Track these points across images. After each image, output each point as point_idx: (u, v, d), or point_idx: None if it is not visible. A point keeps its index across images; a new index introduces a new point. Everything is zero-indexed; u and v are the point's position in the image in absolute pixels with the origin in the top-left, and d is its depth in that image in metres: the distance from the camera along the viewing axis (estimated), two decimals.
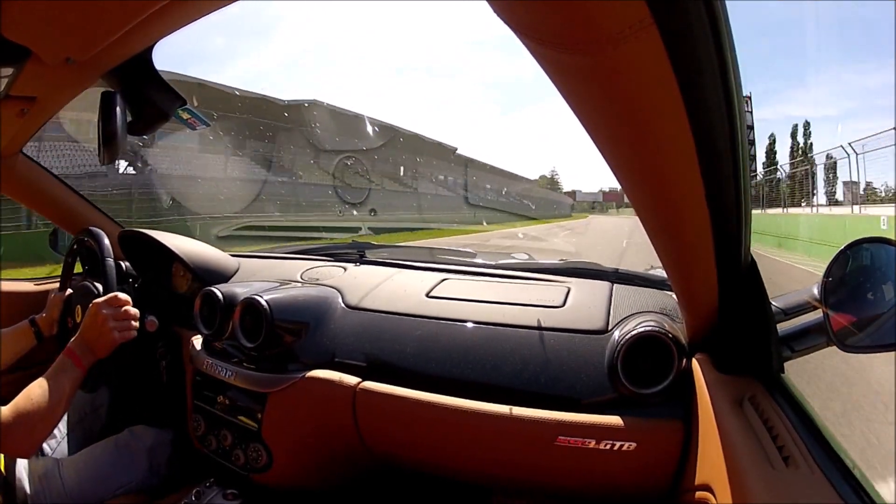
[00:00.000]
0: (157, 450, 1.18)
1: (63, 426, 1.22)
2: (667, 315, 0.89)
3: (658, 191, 0.46)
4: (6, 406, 0.87)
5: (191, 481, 1.05)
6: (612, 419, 0.78)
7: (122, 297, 1.05)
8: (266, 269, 1.36)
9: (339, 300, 1.10)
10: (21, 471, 1.00)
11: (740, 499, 0.51)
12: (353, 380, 0.95)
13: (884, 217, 9.72)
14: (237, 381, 1.04)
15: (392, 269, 1.25)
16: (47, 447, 1.15)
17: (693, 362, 0.77)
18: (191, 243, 1.36)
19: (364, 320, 1.04)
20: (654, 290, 1.00)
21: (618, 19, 0.28)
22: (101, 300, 1.03)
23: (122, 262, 1.38)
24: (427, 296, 1.08)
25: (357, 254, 1.39)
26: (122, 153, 0.85)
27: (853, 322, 0.64)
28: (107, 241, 1.22)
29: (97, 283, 1.19)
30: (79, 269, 1.42)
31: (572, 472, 0.84)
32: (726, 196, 0.45)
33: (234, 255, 1.45)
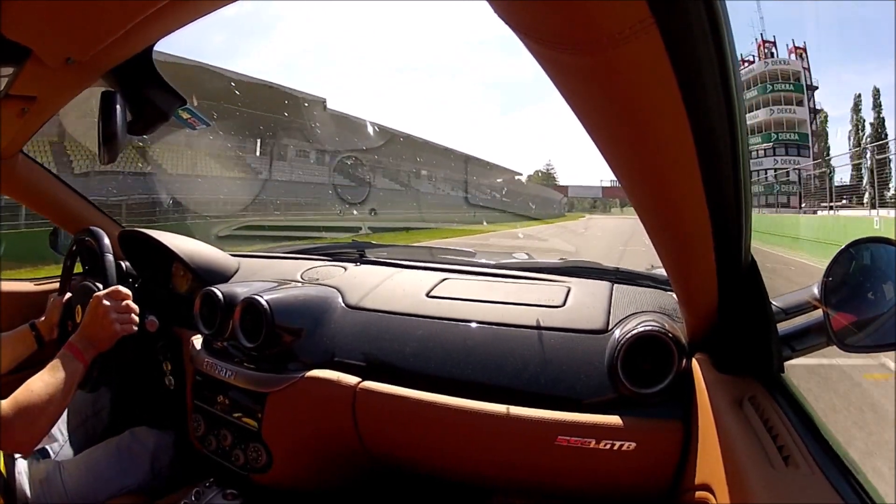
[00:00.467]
0: (159, 452, 1.18)
1: (65, 429, 1.21)
2: (667, 314, 0.89)
3: (658, 190, 0.46)
4: (5, 400, 0.85)
5: (191, 481, 1.05)
6: (612, 419, 0.78)
7: (124, 290, 1.05)
8: (266, 269, 1.36)
9: (339, 300, 1.10)
10: (22, 474, 1.00)
11: (740, 499, 0.51)
12: (352, 380, 0.95)
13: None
14: (237, 380, 1.04)
15: (392, 268, 1.25)
16: (50, 450, 1.15)
17: (693, 362, 0.77)
18: (191, 243, 1.36)
19: (364, 320, 1.04)
20: (654, 289, 1.00)
21: (618, 19, 0.28)
22: (101, 293, 1.03)
23: (123, 262, 1.38)
24: (427, 295, 1.08)
25: (357, 253, 1.39)
26: (121, 153, 0.85)
27: (853, 322, 0.64)
28: (107, 239, 1.22)
29: (97, 282, 1.19)
30: (79, 269, 1.42)
31: (572, 472, 0.84)
32: (726, 196, 0.45)
33: (234, 255, 1.45)
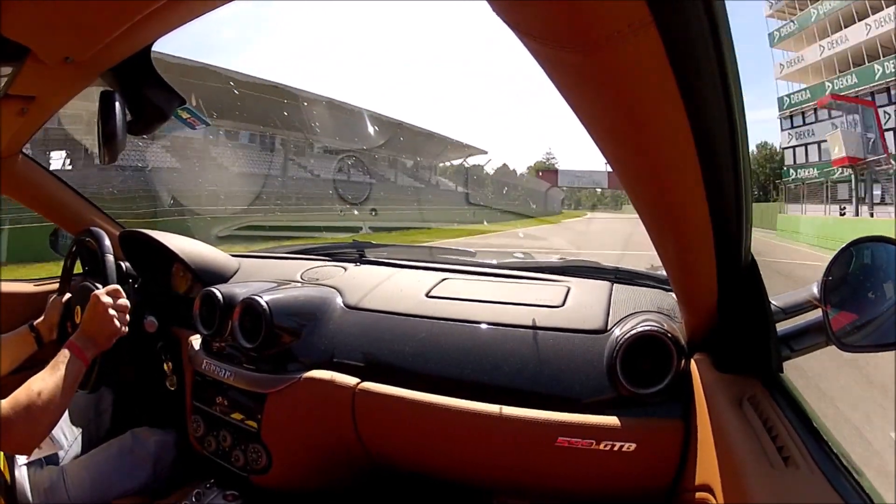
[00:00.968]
0: (161, 452, 1.17)
1: (69, 432, 1.21)
2: (666, 314, 0.89)
3: (658, 190, 0.46)
4: (5, 400, 0.85)
5: (191, 482, 1.05)
6: (612, 419, 0.78)
7: (120, 289, 1.05)
8: (266, 269, 1.36)
9: (338, 300, 1.10)
10: (24, 480, 0.99)
11: (740, 499, 0.51)
12: (352, 380, 0.95)
13: None
14: (236, 381, 1.04)
15: (391, 268, 1.25)
16: (58, 455, 1.14)
17: (692, 362, 0.77)
18: (191, 243, 1.35)
19: (363, 320, 1.04)
20: (653, 289, 1.00)
21: (617, 18, 0.28)
22: (101, 291, 1.03)
23: (123, 263, 1.38)
24: (427, 296, 1.07)
25: (357, 253, 1.39)
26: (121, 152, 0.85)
27: (853, 321, 0.64)
28: (107, 240, 1.22)
29: (97, 283, 1.19)
30: (78, 269, 1.41)
31: (572, 473, 0.84)
32: (726, 196, 0.45)
33: (233, 255, 1.45)
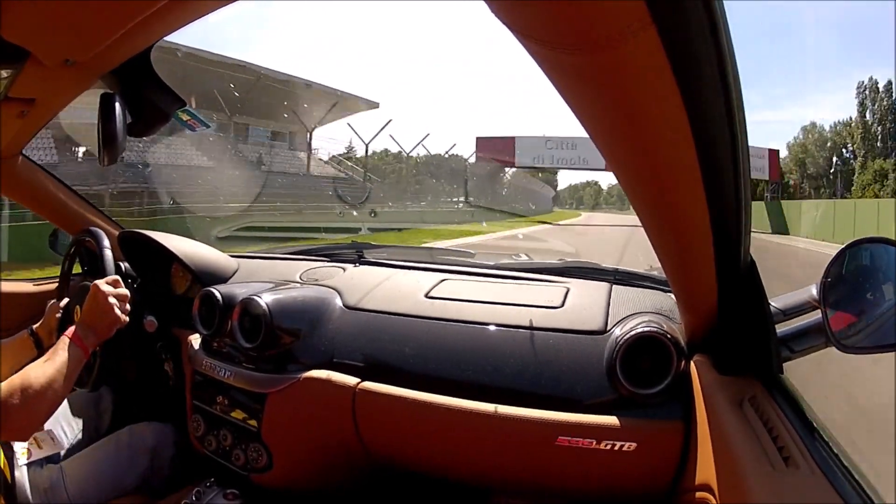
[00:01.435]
0: (159, 447, 1.17)
1: (69, 432, 1.20)
2: (666, 315, 0.89)
3: (657, 191, 0.46)
4: (2, 384, 0.83)
5: (191, 481, 1.05)
6: (612, 420, 0.78)
7: (120, 280, 1.05)
8: (265, 270, 1.36)
9: (337, 301, 1.10)
10: (24, 479, 0.99)
11: (740, 499, 0.51)
12: (352, 380, 0.95)
13: None
14: (236, 381, 1.04)
15: (391, 269, 1.25)
16: (62, 453, 1.13)
17: (692, 363, 0.77)
18: (190, 244, 1.36)
19: (363, 321, 1.04)
20: (653, 290, 1.00)
21: (617, 20, 0.28)
22: (100, 280, 1.02)
23: (122, 263, 1.38)
24: (426, 296, 1.07)
25: (356, 254, 1.39)
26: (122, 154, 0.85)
27: (852, 322, 0.64)
28: (106, 240, 1.22)
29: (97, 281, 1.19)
30: (77, 269, 1.41)
31: (572, 473, 0.84)
32: (726, 196, 0.45)
33: (233, 256, 1.45)
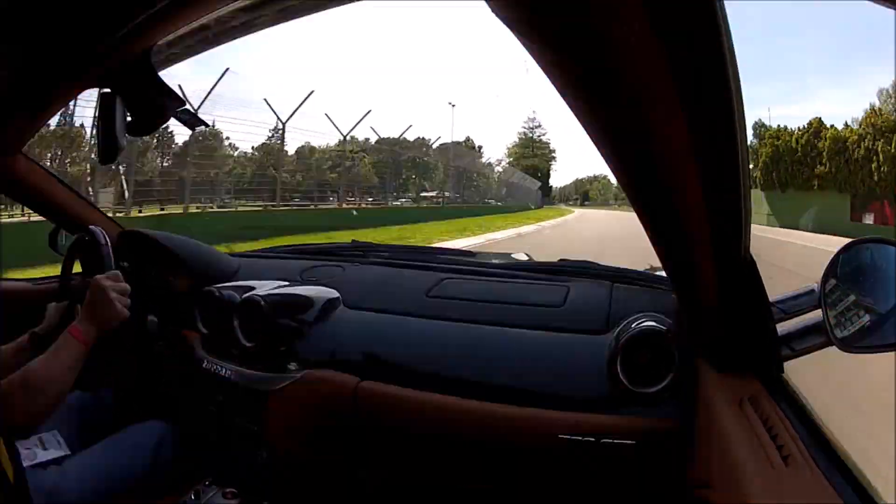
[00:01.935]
0: (160, 449, 1.17)
1: (71, 431, 1.20)
2: (666, 314, 0.89)
3: (657, 189, 0.46)
4: (3, 380, 0.83)
5: (190, 480, 1.05)
6: (612, 418, 0.78)
7: (120, 275, 1.05)
8: (265, 269, 1.36)
9: (338, 300, 1.10)
10: (27, 483, 0.99)
11: (740, 498, 0.51)
12: (352, 379, 0.95)
13: None
14: (236, 380, 1.04)
15: (391, 268, 1.25)
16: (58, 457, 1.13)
17: (692, 362, 0.77)
18: (190, 243, 1.36)
19: (363, 320, 1.04)
20: (653, 289, 1.00)
21: (616, 19, 0.28)
22: (101, 276, 1.02)
23: (122, 262, 1.38)
24: (427, 295, 1.08)
25: (356, 253, 1.39)
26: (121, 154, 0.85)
27: (853, 321, 0.64)
28: (106, 238, 1.22)
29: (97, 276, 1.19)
30: (77, 269, 1.41)
31: (573, 471, 0.84)
32: (725, 195, 0.45)
33: (233, 255, 1.45)
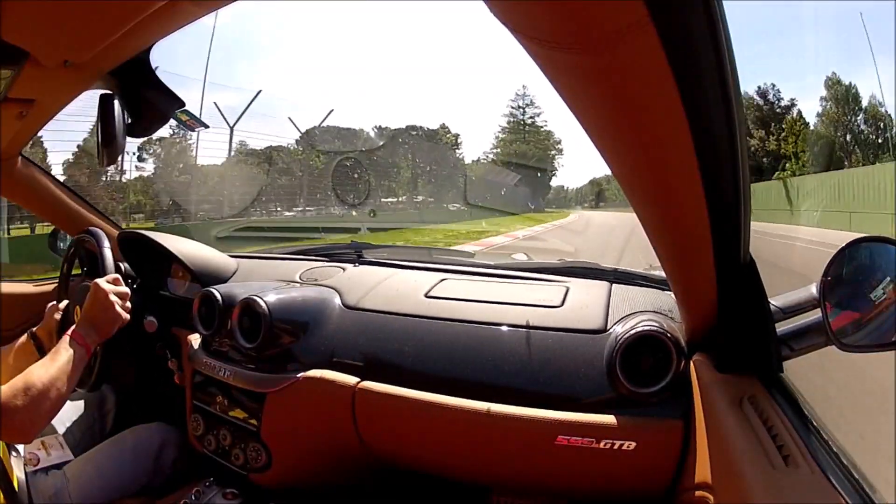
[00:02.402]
0: (162, 449, 1.17)
1: (73, 433, 1.20)
2: (665, 314, 0.89)
3: (657, 190, 0.46)
4: (5, 385, 0.82)
5: (190, 481, 1.05)
6: (612, 419, 0.78)
7: (120, 278, 1.06)
8: (265, 270, 1.36)
9: (337, 300, 1.10)
10: (29, 487, 0.98)
11: (740, 498, 0.51)
12: (351, 380, 0.95)
13: None
14: (236, 381, 1.04)
15: (390, 269, 1.25)
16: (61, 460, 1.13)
17: (692, 362, 0.77)
18: (189, 244, 1.36)
19: (363, 320, 1.04)
20: (652, 289, 1.00)
21: (615, 19, 0.28)
22: (100, 279, 1.02)
23: (122, 264, 1.38)
24: (426, 296, 1.07)
25: (355, 254, 1.39)
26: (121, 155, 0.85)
27: (852, 321, 0.64)
28: (106, 239, 1.22)
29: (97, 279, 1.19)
30: (77, 270, 1.41)
31: (572, 472, 0.84)
32: (725, 195, 0.45)
33: (232, 256, 1.45)
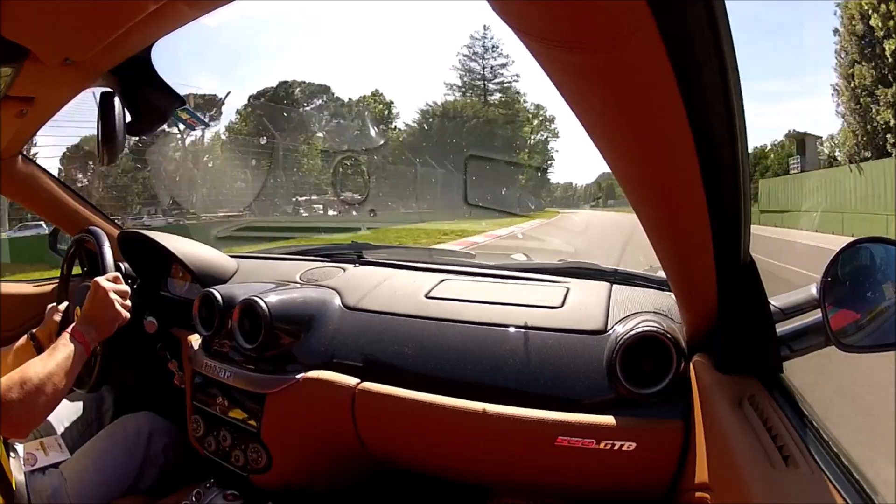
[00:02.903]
0: (153, 437, 1.17)
1: (71, 433, 1.20)
2: (666, 315, 0.89)
3: (657, 190, 0.46)
4: (1, 379, 0.82)
5: (191, 482, 1.05)
6: (612, 419, 0.78)
7: (120, 276, 1.06)
8: (265, 270, 1.36)
9: (337, 301, 1.10)
10: (26, 488, 0.98)
11: (740, 498, 0.51)
12: (352, 380, 0.95)
13: None
14: (236, 382, 1.04)
15: (390, 269, 1.25)
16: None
17: (692, 362, 0.77)
18: (189, 244, 1.35)
19: (363, 321, 1.04)
20: (653, 290, 1.00)
21: (618, 19, 0.28)
22: (101, 277, 1.02)
23: (122, 264, 1.38)
24: (426, 296, 1.07)
25: (355, 254, 1.39)
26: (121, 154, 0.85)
27: (852, 322, 0.64)
28: (106, 239, 1.22)
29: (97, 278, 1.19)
30: (77, 271, 1.41)
31: (572, 473, 0.84)
32: (726, 195, 0.45)
33: (232, 256, 1.45)
